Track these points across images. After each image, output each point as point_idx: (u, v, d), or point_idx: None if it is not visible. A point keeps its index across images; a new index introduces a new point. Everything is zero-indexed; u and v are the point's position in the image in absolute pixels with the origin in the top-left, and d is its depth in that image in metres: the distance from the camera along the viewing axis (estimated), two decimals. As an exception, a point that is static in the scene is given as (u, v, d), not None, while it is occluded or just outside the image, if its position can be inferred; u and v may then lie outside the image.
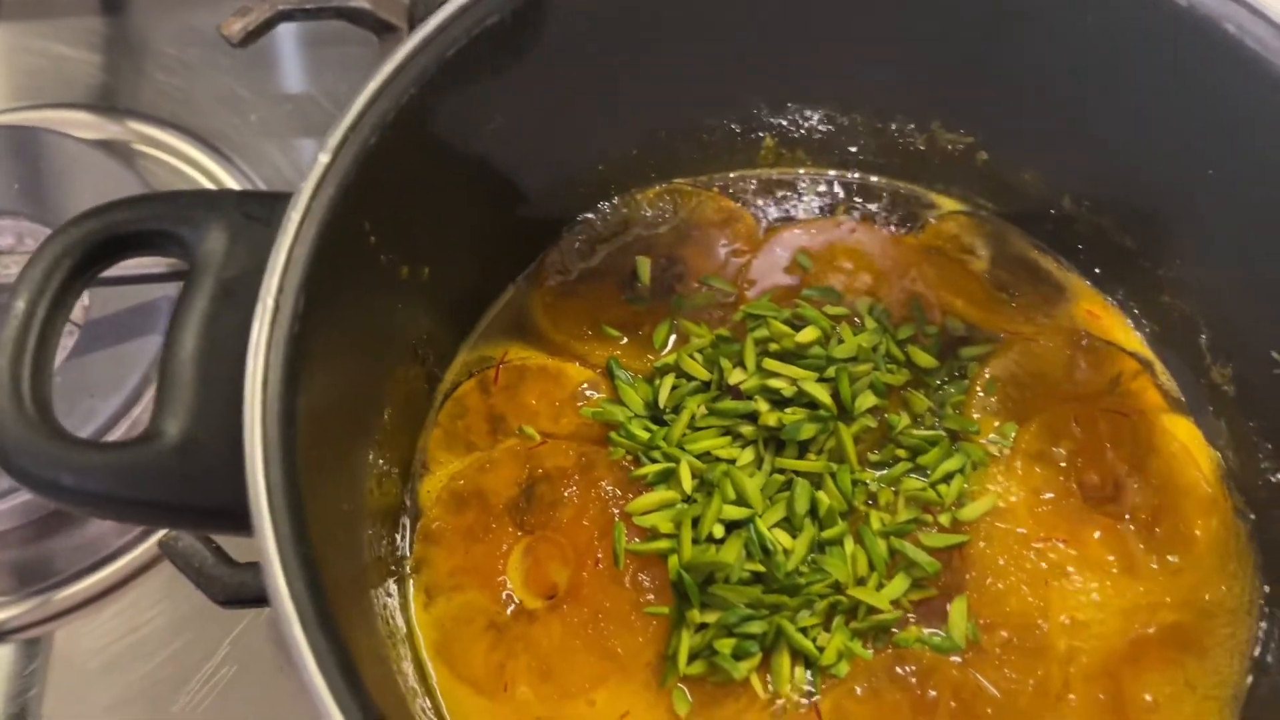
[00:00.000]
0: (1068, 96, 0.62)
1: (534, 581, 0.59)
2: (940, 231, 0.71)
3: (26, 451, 0.45)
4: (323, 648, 0.39)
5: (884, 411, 0.63)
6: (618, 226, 0.70)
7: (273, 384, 0.43)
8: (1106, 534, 0.61)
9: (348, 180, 0.48)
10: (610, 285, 0.68)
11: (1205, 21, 0.53)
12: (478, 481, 0.62)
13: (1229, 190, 0.58)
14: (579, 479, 0.60)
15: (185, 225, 0.48)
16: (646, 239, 0.70)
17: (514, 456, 0.62)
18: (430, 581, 0.60)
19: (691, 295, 0.68)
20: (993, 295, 0.69)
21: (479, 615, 0.58)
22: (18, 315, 0.46)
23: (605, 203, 0.70)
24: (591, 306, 0.67)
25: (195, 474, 0.45)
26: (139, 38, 0.94)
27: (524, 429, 0.63)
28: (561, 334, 0.67)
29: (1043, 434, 0.63)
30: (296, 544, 0.42)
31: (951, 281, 0.69)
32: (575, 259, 0.70)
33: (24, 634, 0.71)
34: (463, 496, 0.61)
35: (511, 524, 0.60)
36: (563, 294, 0.68)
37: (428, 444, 0.64)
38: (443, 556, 0.60)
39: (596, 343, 0.66)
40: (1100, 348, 0.67)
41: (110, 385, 0.73)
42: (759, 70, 0.65)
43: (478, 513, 0.61)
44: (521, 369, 0.66)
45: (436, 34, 0.51)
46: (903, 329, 0.66)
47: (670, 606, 0.57)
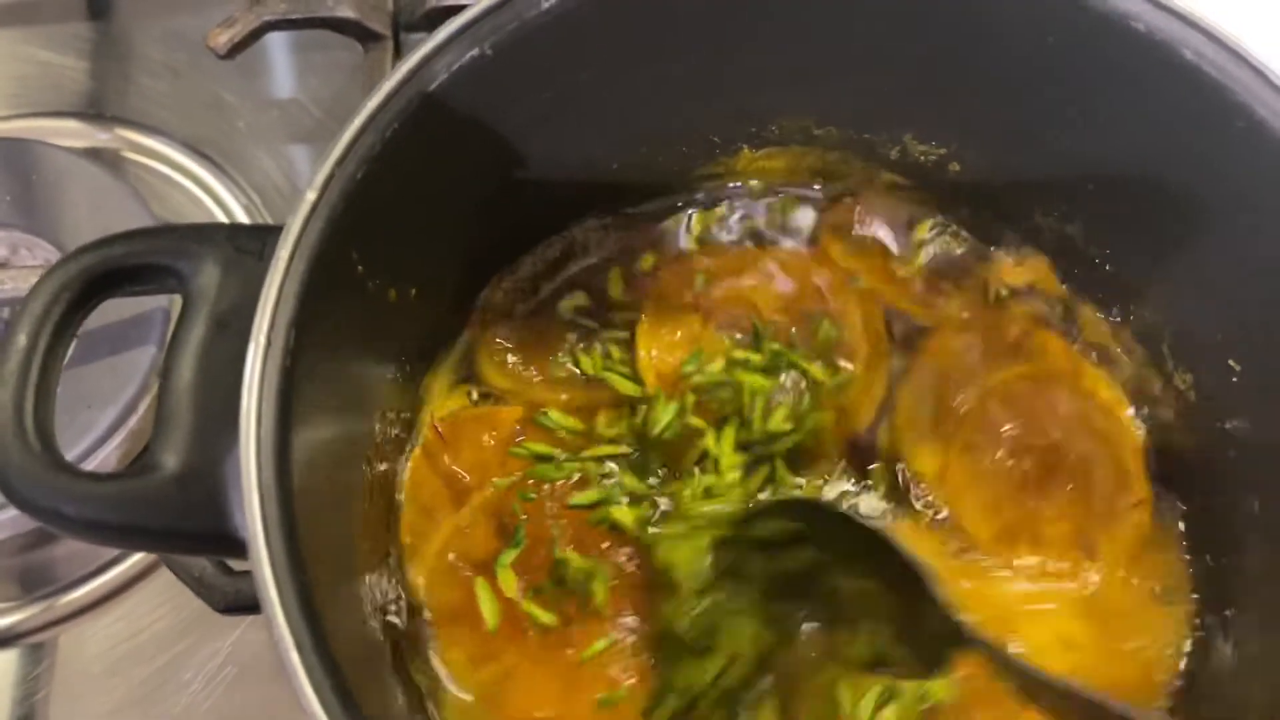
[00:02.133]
0: (1033, 112, 0.63)
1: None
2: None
3: (30, 481, 0.47)
4: (319, 673, 0.42)
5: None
6: (559, 261, 0.71)
7: (267, 419, 0.45)
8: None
9: (335, 214, 0.49)
10: (558, 324, 0.69)
11: (1163, 46, 0.55)
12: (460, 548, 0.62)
13: (1190, 205, 0.60)
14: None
15: (180, 259, 0.50)
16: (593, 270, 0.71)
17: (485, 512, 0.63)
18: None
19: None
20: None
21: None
22: (19, 348, 0.48)
23: (573, 227, 0.72)
24: (540, 346, 0.68)
25: (193, 503, 0.47)
26: (125, 43, 0.94)
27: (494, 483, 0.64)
28: (508, 380, 0.67)
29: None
30: (293, 570, 0.44)
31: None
32: (515, 298, 0.70)
33: (29, 639, 0.73)
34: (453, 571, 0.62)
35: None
36: (506, 336, 0.69)
37: (400, 532, 0.64)
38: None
39: (544, 388, 0.67)
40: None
41: (107, 396, 0.74)
42: (735, 90, 0.66)
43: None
44: (454, 423, 0.66)
45: (420, 67, 0.52)
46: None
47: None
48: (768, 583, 0.60)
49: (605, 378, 0.67)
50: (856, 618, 0.59)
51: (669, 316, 0.69)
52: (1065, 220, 0.68)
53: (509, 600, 0.61)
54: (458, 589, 0.61)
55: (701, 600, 0.60)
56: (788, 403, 0.66)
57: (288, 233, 0.48)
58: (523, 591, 0.61)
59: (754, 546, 0.61)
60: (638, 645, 0.60)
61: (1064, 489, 0.64)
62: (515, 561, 0.61)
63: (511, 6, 0.55)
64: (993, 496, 0.64)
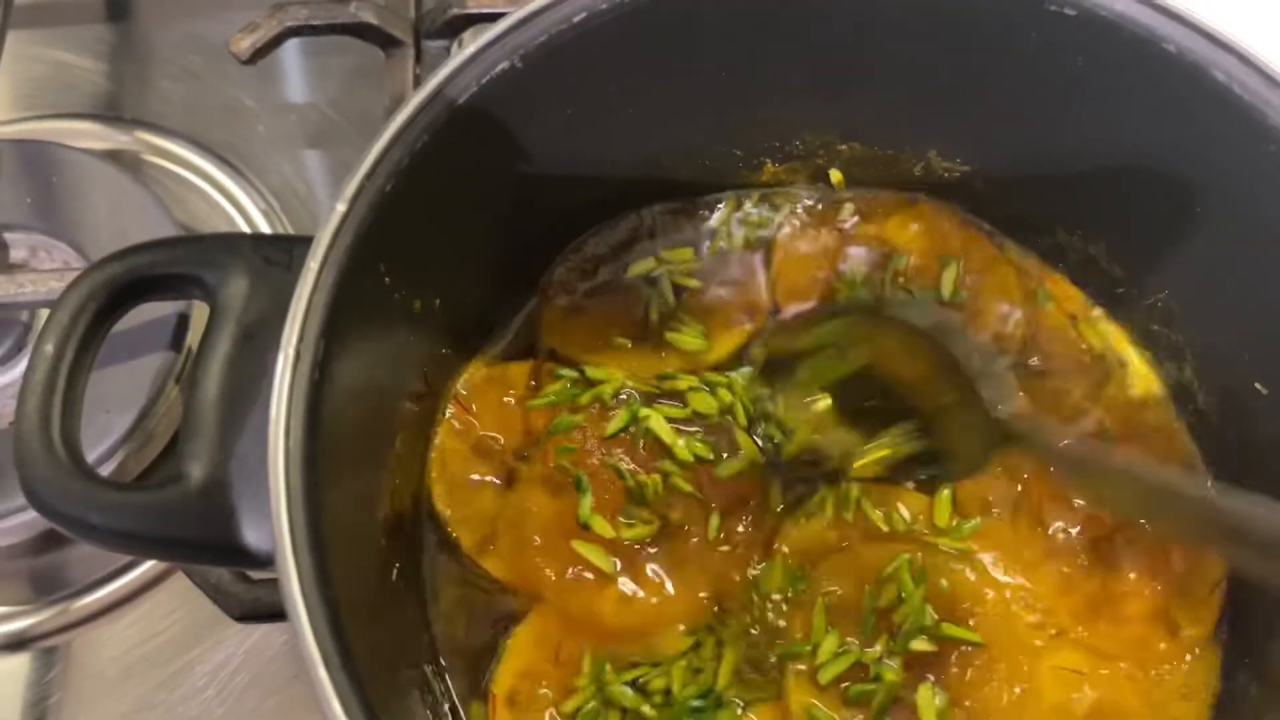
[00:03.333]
0: (1059, 131, 0.63)
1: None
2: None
3: (56, 491, 0.47)
4: (346, 689, 0.41)
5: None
6: (621, 245, 0.72)
7: (295, 431, 0.45)
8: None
9: (364, 227, 0.49)
10: (618, 300, 0.70)
11: (1194, 68, 0.55)
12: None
13: (1217, 227, 0.60)
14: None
15: (207, 269, 0.50)
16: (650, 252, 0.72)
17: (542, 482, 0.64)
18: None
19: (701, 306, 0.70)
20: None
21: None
22: (46, 358, 0.48)
23: (609, 223, 0.72)
24: (600, 321, 0.69)
25: (219, 514, 0.47)
26: (145, 46, 0.95)
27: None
28: (571, 348, 0.68)
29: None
30: (320, 585, 0.44)
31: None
32: (578, 278, 0.71)
33: (43, 642, 0.73)
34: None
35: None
36: (570, 311, 0.70)
37: (434, 505, 0.65)
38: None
39: (608, 354, 0.68)
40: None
41: (126, 400, 0.74)
42: (759, 105, 0.66)
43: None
44: (472, 389, 0.67)
45: (449, 80, 0.53)
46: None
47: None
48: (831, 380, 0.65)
49: (671, 337, 0.68)
50: (908, 414, 0.64)
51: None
52: (1088, 240, 0.68)
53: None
54: (552, 563, 0.62)
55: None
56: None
57: (317, 245, 0.48)
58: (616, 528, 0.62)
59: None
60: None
61: (1141, 565, 0.63)
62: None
63: (540, 20, 0.55)
64: (1068, 572, 0.63)
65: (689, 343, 0.68)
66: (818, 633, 0.60)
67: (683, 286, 0.70)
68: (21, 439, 0.47)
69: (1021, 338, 0.69)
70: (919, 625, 0.59)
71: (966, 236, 0.72)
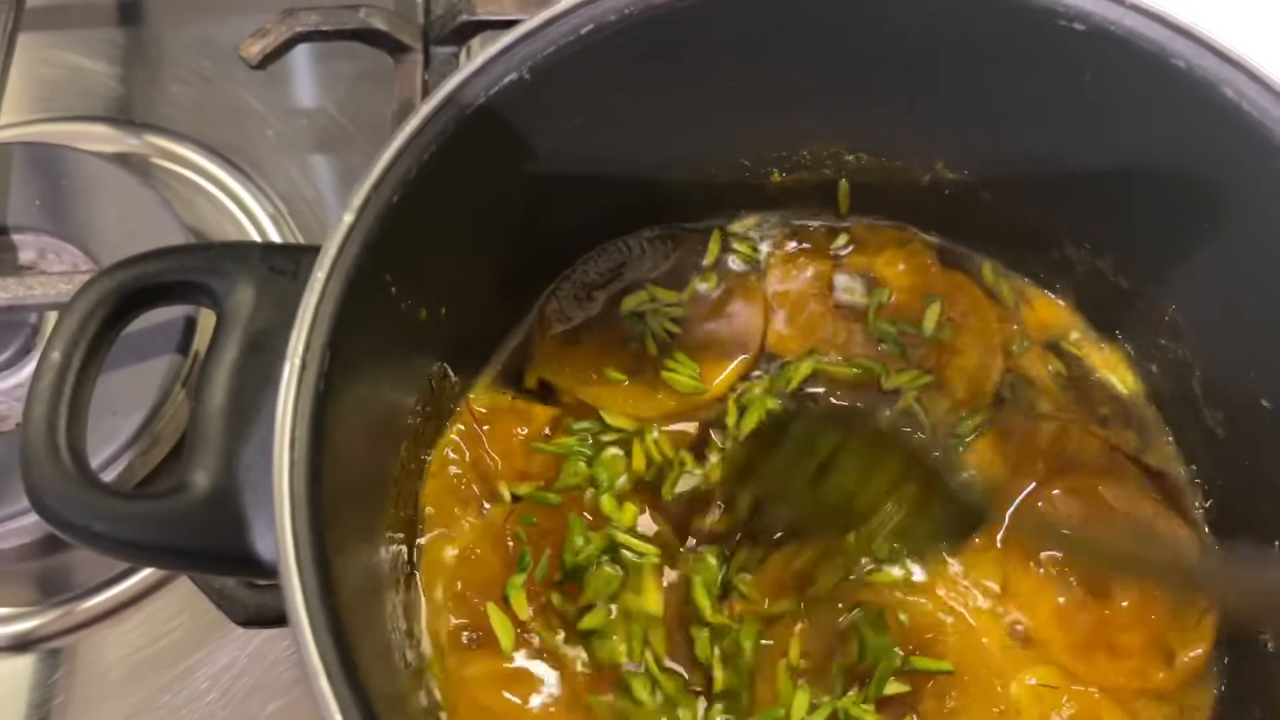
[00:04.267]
0: (1067, 144, 0.63)
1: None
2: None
3: (62, 499, 0.47)
4: (348, 700, 0.41)
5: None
6: (615, 270, 0.72)
7: (299, 442, 0.45)
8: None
9: (371, 237, 0.49)
10: (612, 331, 0.70)
11: (1203, 84, 0.55)
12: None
13: (1225, 242, 0.60)
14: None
15: (215, 277, 0.50)
16: (644, 282, 0.72)
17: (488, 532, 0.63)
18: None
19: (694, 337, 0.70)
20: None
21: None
22: (53, 365, 0.48)
23: (610, 241, 0.72)
24: (594, 352, 0.68)
25: (223, 524, 0.47)
26: (155, 49, 0.95)
27: (510, 485, 0.65)
28: (567, 381, 0.68)
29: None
30: (323, 595, 0.44)
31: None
32: (574, 306, 0.71)
33: (47, 644, 0.73)
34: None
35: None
36: (565, 342, 0.70)
37: (424, 499, 0.65)
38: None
39: (602, 388, 0.68)
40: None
41: (132, 402, 0.74)
42: (766, 116, 0.66)
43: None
44: (493, 411, 0.67)
45: (457, 91, 0.53)
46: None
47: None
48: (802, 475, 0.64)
49: (667, 376, 0.68)
50: (882, 504, 0.63)
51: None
52: (1095, 253, 0.68)
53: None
54: (460, 611, 0.61)
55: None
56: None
57: (324, 255, 0.48)
58: (536, 610, 0.61)
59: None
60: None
61: (1134, 596, 0.63)
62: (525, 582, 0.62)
63: (548, 32, 0.55)
64: (1063, 605, 0.63)
65: (684, 383, 0.68)
66: (785, 695, 0.59)
67: (674, 325, 0.70)
68: (28, 447, 0.47)
69: (995, 384, 0.69)
70: (890, 668, 0.59)
71: (953, 278, 0.73)
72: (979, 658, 0.61)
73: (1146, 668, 0.61)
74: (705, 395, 0.68)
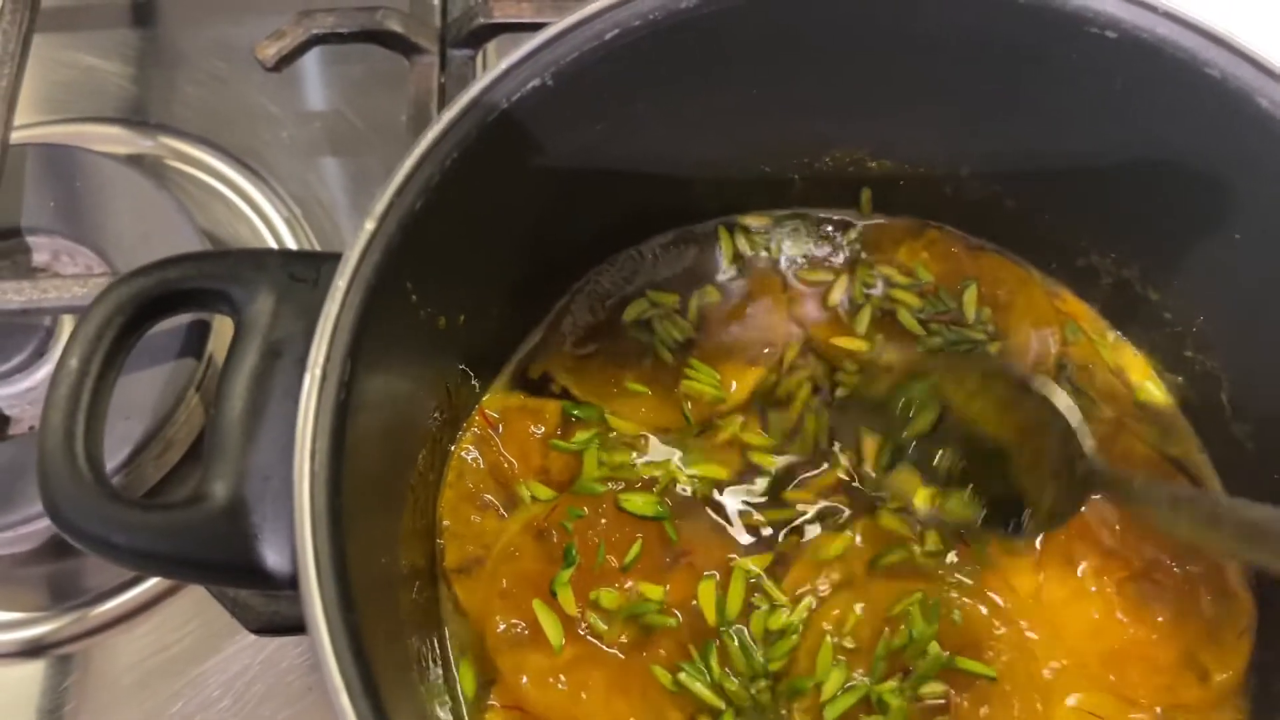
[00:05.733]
0: (1096, 153, 0.62)
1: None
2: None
3: (79, 510, 0.46)
4: (368, 716, 0.41)
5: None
6: (629, 278, 0.71)
7: (320, 454, 0.44)
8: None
9: (393, 245, 0.49)
10: (629, 341, 0.69)
11: (1238, 94, 0.54)
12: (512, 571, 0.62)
13: (1255, 254, 0.59)
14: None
15: (234, 285, 0.50)
16: (660, 286, 0.71)
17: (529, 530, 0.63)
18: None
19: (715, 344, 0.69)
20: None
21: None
22: (71, 373, 0.47)
23: (625, 250, 0.71)
24: (614, 363, 0.68)
25: (242, 536, 0.46)
26: (170, 51, 0.94)
27: (529, 486, 0.65)
28: (588, 394, 0.68)
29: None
30: (343, 609, 0.43)
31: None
32: (590, 319, 0.70)
33: (58, 650, 0.73)
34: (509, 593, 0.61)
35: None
36: (585, 354, 0.69)
37: (441, 509, 0.64)
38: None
39: (625, 400, 0.67)
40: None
41: (144, 408, 0.74)
42: (789, 122, 0.66)
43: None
44: (504, 411, 0.67)
45: (480, 97, 0.52)
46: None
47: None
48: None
49: (687, 386, 0.67)
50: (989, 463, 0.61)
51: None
52: (1121, 263, 0.67)
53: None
54: (506, 611, 0.61)
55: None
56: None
57: (345, 264, 0.47)
58: (583, 608, 0.60)
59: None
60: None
61: (1170, 609, 0.62)
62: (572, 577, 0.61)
63: (572, 37, 0.54)
64: (1098, 616, 0.62)
65: (705, 392, 0.67)
66: (823, 669, 0.59)
67: (681, 331, 0.69)
68: (45, 456, 0.46)
69: (1056, 363, 0.68)
70: (935, 666, 0.59)
71: (988, 260, 0.72)
72: (1026, 673, 0.60)
73: (1177, 684, 0.60)
74: (728, 404, 0.67)
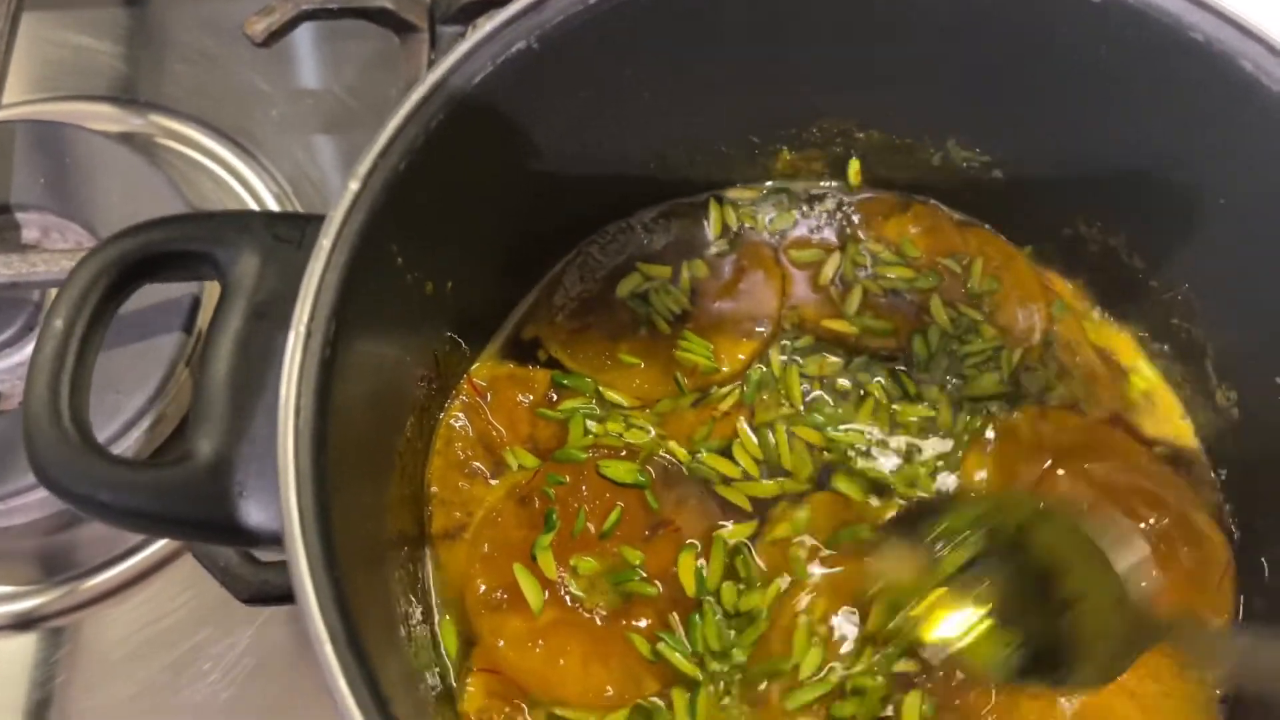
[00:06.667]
0: (1082, 121, 0.62)
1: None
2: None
3: (65, 469, 0.46)
4: (353, 669, 0.41)
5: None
6: (620, 251, 0.71)
7: (305, 411, 0.45)
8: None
9: (377, 206, 0.49)
10: (621, 313, 0.69)
11: (1222, 58, 0.54)
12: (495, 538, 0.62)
13: (1240, 219, 0.59)
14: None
15: (218, 246, 0.50)
16: (651, 259, 0.71)
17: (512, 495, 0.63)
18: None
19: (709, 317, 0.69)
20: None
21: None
22: (56, 334, 0.48)
23: (615, 223, 0.71)
24: (607, 335, 0.68)
25: (228, 493, 0.46)
26: (160, 29, 0.94)
27: (516, 454, 0.65)
28: (582, 366, 0.68)
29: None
30: (327, 566, 0.43)
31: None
32: (581, 292, 0.70)
33: (50, 622, 0.73)
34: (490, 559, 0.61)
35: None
36: (577, 327, 0.69)
37: (429, 477, 0.64)
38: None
39: (618, 372, 0.67)
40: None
41: (135, 381, 0.74)
42: (777, 92, 0.66)
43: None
44: (493, 380, 0.67)
45: (465, 59, 0.52)
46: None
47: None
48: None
49: (681, 356, 0.67)
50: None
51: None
52: (1108, 232, 0.67)
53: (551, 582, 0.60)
54: (487, 575, 0.61)
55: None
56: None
57: (329, 223, 0.47)
58: (563, 573, 0.60)
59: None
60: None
61: (1155, 571, 0.61)
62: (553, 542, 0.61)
63: (557, 1, 0.54)
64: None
65: (699, 361, 0.67)
66: (799, 651, 0.59)
67: (678, 303, 0.69)
68: (30, 415, 0.46)
69: (1042, 339, 0.68)
70: (905, 643, 0.59)
71: (977, 233, 0.72)
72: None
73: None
74: (723, 374, 0.68)
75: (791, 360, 0.68)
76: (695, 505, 0.63)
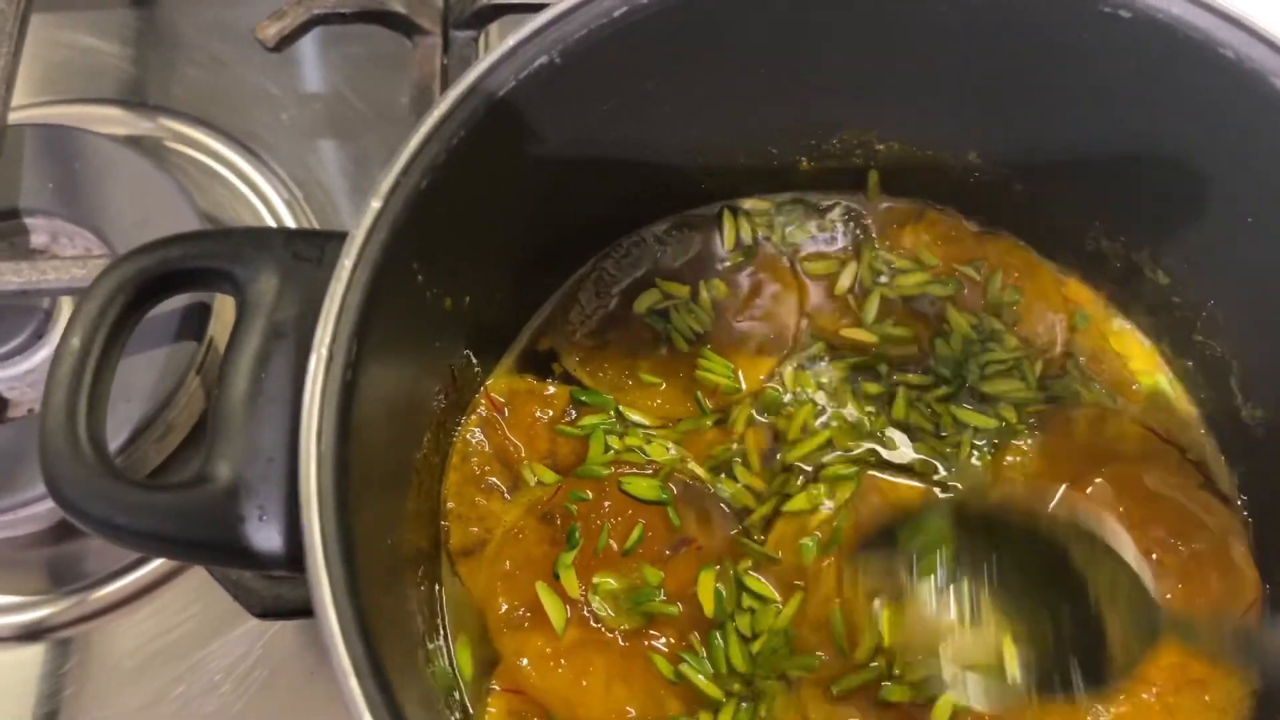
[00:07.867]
0: (1108, 136, 0.62)
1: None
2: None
3: (82, 490, 0.46)
4: (377, 701, 0.40)
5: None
6: (635, 265, 0.71)
7: (327, 434, 0.44)
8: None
9: (399, 223, 0.48)
10: (640, 330, 0.68)
11: (1253, 75, 0.53)
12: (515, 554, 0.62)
13: (1268, 237, 0.59)
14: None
15: (237, 264, 0.49)
16: (668, 275, 0.70)
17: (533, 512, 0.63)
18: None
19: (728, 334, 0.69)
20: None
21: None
22: (73, 352, 0.47)
23: (627, 236, 0.71)
24: (626, 352, 0.67)
25: (246, 517, 0.46)
26: (170, 31, 0.94)
27: (534, 470, 0.64)
28: (602, 385, 0.67)
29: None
30: (350, 593, 0.42)
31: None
32: (598, 308, 0.69)
33: (58, 633, 0.72)
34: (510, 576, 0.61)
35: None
36: (595, 344, 0.68)
37: (446, 492, 0.64)
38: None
39: (638, 391, 0.67)
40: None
41: (145, 390, 0.73)
42: (798, 103, 0.65)
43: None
44: (511, 395, 0.66)
45: (486, 75, 0.51)
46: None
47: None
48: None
49: (702, 376, 0.66)
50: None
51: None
52: (1131, 247, 0.67)
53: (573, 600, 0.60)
54: (509, 594, 0.60)
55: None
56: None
57: (351, 242, 0.46)
58: (585, 591, 0.60)
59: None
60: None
61: (1177, 589, 0.61)
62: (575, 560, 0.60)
63: (580, 14, 0.54)
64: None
65: (720, 382, 0.67)
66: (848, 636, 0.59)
67: (699, 322, 0.69)
68: (47, 435, 0.46)
69: (1064, 350, 0.68)
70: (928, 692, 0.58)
71: (996, 243, 0.71)
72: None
73: (1188, 660, 0.59)
74: (744, 394, 0.67)
75: (811, 370, 0.67)
76: (717, 523, 0.62)
